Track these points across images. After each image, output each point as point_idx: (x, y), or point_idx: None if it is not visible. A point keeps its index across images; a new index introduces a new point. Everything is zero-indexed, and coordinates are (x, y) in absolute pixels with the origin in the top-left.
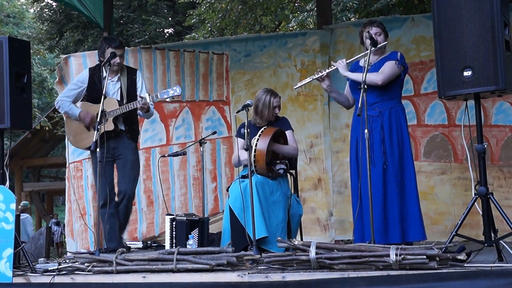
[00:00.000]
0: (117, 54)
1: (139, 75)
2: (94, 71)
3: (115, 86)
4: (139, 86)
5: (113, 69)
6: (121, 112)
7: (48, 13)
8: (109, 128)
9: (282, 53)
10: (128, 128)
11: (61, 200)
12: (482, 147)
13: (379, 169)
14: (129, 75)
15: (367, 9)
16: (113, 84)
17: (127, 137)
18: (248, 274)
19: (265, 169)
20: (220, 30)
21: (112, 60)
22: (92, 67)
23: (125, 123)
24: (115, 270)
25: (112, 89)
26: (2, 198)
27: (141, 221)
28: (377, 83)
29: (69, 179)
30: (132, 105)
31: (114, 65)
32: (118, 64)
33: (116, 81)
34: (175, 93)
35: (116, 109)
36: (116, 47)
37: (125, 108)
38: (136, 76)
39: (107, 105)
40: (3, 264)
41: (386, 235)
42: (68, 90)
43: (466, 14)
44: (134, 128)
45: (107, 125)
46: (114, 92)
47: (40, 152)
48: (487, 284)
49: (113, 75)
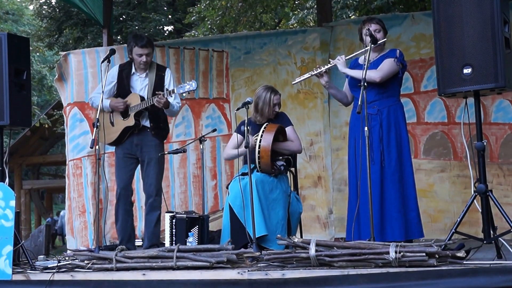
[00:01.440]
0: (142, 52)
1: (168, 72)
2: (124, 67)
3: (143, 83)
4: (167, 83)
5: (140, 67)
6: (142, 107)
7: (48, 10)
8: (130, 123)
9: (282, 51)
10: (154, 125)
11: (61, 198)
12: (482, 145)
13: (376, 167)
14: (158, 72)
15: (367, 7)
16: (141, 81)
17: (152, 134)
18: (248, 271)
19: (269, 165)
20: (220, 28)
21: (139, 58)
22: (122, 63)
23: (151, 119)
24: (114, 267)
25: (140, 85)
26: (2, 195)
27: (141, 219)
28: (375, 80)
29: (69, 177)
30: (150, 100)
31: (140, 63)
32: (144, 63)
33: (144, 78)
34: (191, 88)
35: (138, 105)
36: (143, 46)
37: (144, 103)
38: (165, 74)
39: (131, 101)
40: (2, 261)
41: (383, 233)
42: (99, 87)
43: (466, 12)
44: (160, 126)
45: (128, 121)
46: (141, 89)
47: (40, 150)
48: (486, 281)
49: (141, 71)
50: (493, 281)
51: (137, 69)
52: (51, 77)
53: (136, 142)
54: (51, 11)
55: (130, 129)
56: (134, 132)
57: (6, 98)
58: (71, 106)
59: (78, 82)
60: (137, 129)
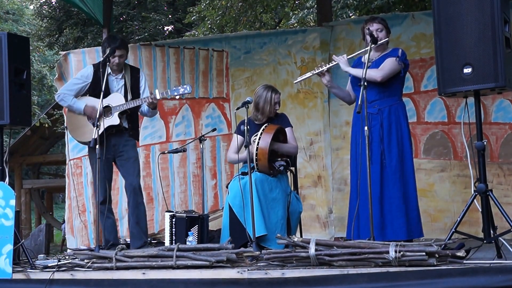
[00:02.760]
0: (116, 53)
1: (142, 74)
2: (99, 67)
3: (119, 83)
4: (142, 85)
5: (113, 68)
6: (128, 107)
7: (48, 10)
8: (114, 122)
9: (282, 50)
10: (131, 126)
11: (61, 197)
12: (482, 145)
13: (377, 167)
14: (133, 73)
15: (367, 7)
16: (117, 81)
17: (129, 134)
18: (248, 270)
19: (267, 167)
20: (220, 28)
21: (112, 59)
22: (96, 63)
23: (128, 120)
24: (114, 266)
25: (116, 86)
26: (2, 195)
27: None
28: (376, 79)
29: (69, 176)
30: (140, 100)
31: (113, 64)
32: (117, 64)
33: (120, 78)
34: (185, 91)
35: (123, 104)
36: (117, 47)
37: (133, 103)
38: (140, 75)
39: (112, 100)
40: (2, 260)
41: (383, 232)
42: (71, 84)
43: (466, 11)
44: (135, 126)
45: (112, 119)
46: (118, 89)
47: (40, 150)
48: (486, 280)
49: (117, 72)
50: (493, 281)
51: (112, 70)
52: (51, 77)
53: (114, 143)
54: (51, 11)
55: (112, 128)
56: (112, 133)
57: (6, 97)
58: None
59: None
60: (115, 130)
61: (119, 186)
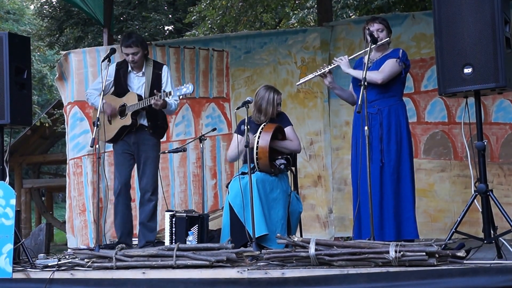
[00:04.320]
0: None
1: (165, 70)
2: (121, 65)
3: (140, 81)
4: (164, 81)
5: (132, 66)
6: (139, 107)
7: (48, 10)
8: (127, 123)
9: (282, 50)
10: (152, 124)
11: (61, 197)
12: (482, 145)
13: (376, 166)
14: (154, 70)
15: (367, 7)
16: (138, 79)
17: (150, 133)
18: (248, 270)
19: (268, 166)
20: (220, 27)
21: (126, 57)
22: (119, 62)
23: (148, 118)
24: (114, 266)
25: (137, 83)
26: (2, 194)
27: None
28: (376, 82)
29: (69, 176)
30: (147, 100)
31: (129, 62)
32: (132, 62)
33: (141, 76)
34: (188, 90)
35: (135, 104)
36: (127, 46)
37: (142, 103)
38: (162, 71)
39: (128, 100)
40: (3, 260)
41: (382, 232)
42: (95, 83)
43: (467, 11)
44: (158, 124)
45: (125, 120)
46: (138, 87)
47: (40, 149)
48: (486, 281)
49: (137, 70)
50: (493, 281)
51: (132, 67)
52: (52, 76)
53: (134, 141)
54: (51, 10)
55: (127, 128)
56: (132, 131)
57: (6, 97)
58: (71, 105)
59: (79, 81)
60: (135, 128)
61: None
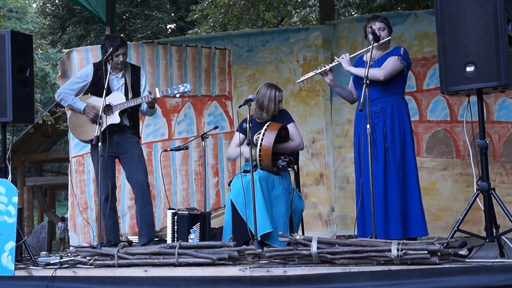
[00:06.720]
0: (119, 52)
1: (142, 72)
2: (99, 66)
3: (120, 82)
4: (142, 83)
5: (117, 67)
6: (128, 106)
7: (51, 8)
8: (115, 121)
9: (285, 48)
10: (132, 124)
11: (63, 194)
12: (484, 143)
13: (380, 165)
14: (133, 71)
15: (369, 5)
16: (118, 80)
17: (132, 132)
18: (250, 268)
19: (270, 166)
20: (223, 26)
21: (116, 58)
22: (96, 63)
23: (129, 118)
24: (116, 263)
25: (116, 84)
26: (5, 192)
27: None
28: (379, 78)
29: (72, 174)
30: (140, 99)
31: (117, 63)
32: (121, 62)
33: (120, 77)
34: (186, 89)
35: (124, 103)
36: (122, 46)
37: (133, 102)
38: (140, 74)
39: (113, 99)
40: (5, 257)
41: (386, 230)
42: (71, 83)
43: (469, 10)
44: (137, 124)
45: (113, 118)
46: (118, 88)
47: (42, 147)
48: (488, 279)
49: (117, 71)
50: (495, 280)
51: (113, 69)
52: (54, 75)
53: (117, 140)
54: (54, 9)
55: (114, 126)
56: (114, 130)
57: (9, 95)
58: None
59: None
60: (117, 128)
61: (121, 183)
